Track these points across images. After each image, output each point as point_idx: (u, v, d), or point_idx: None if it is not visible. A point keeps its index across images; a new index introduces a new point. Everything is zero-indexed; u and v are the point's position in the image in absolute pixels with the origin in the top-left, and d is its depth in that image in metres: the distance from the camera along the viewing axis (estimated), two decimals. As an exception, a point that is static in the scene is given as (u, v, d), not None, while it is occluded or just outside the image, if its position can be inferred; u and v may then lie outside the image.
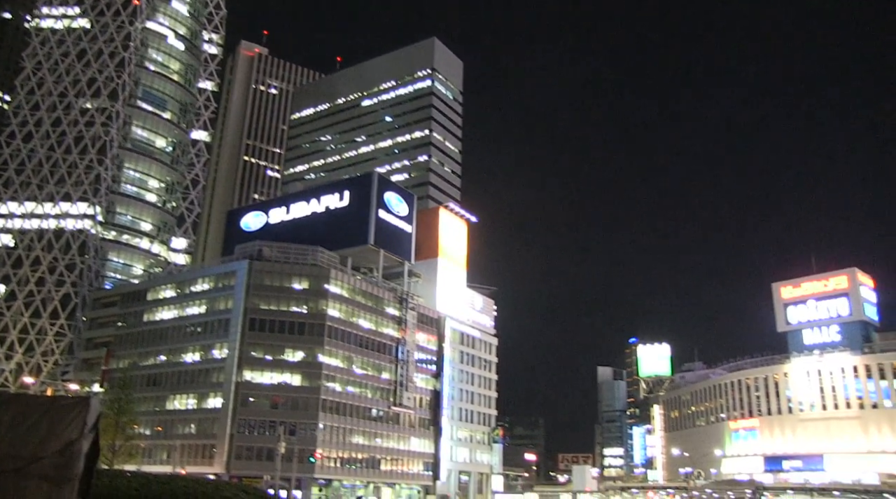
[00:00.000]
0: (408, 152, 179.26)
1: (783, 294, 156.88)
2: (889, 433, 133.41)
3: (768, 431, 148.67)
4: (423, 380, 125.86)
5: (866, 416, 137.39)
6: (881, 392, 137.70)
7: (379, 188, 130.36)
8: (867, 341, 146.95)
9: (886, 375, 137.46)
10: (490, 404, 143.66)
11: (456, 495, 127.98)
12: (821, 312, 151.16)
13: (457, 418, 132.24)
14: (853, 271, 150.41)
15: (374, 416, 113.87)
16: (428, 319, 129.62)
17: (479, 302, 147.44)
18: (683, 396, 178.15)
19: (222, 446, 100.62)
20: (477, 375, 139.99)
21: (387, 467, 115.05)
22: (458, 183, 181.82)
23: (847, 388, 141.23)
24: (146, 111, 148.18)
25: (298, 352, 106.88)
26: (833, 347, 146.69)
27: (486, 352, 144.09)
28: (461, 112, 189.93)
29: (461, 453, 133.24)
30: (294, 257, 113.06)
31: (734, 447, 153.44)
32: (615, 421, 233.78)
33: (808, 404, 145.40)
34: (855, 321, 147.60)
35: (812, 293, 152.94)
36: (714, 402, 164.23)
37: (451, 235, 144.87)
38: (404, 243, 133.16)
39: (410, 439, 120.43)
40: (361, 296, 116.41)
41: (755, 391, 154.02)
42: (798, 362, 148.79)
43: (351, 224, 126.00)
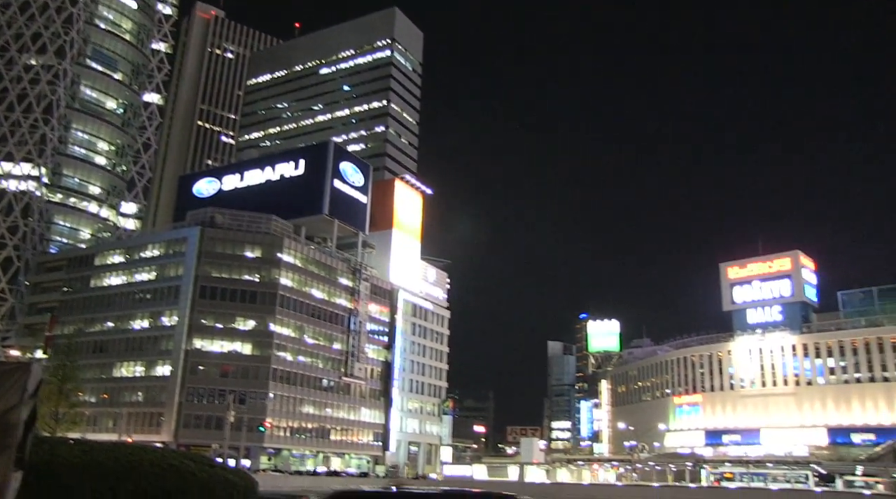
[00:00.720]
0: (365, 122, 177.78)
1: (730, 274, 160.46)
2: (820, 409, 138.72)
3: (710, 406, 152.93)
4: (374, 351, 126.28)
5: (801, 392, 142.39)
6: (815, 370, 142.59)
7: (335, 158, 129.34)
8: (806, 321, 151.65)
9: (821, 353, 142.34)
10: (441, 376, 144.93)
11: (405, 466, 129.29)
12: (764, 292, 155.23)
13: (407, 390, 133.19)
14: (796, 254, 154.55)
15: (325, 386, 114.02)
16: (381, 290, 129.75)
17: (433, 274, 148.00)
18: (631, 371, 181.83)
19: (170, 414, 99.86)
20: (428, 347, 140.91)
21: (337, 438, 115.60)
22: (415, 155, 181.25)
23: (785, 366, 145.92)
24: (96, 71, 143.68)
25: (249, 321, 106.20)
26: (775, 326, 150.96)
27: (438, 324, 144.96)
28: (420, 84, 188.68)
29: (411, 425, 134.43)
30: (247, 225, 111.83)
31: (678, 422, 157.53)
32: (564, 395, 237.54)
33: (749, 381, 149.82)
34: (796, 302, 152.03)
35: (757, 274, 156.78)
36: (660, 378, 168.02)
37: (407, 207, 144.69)
38: (359, 214, 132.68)
39: (361, 409, 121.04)
40: (314, 266, 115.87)
41: (700, 368, 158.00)
42: (741, 341, 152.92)
43: (306, 193, 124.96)
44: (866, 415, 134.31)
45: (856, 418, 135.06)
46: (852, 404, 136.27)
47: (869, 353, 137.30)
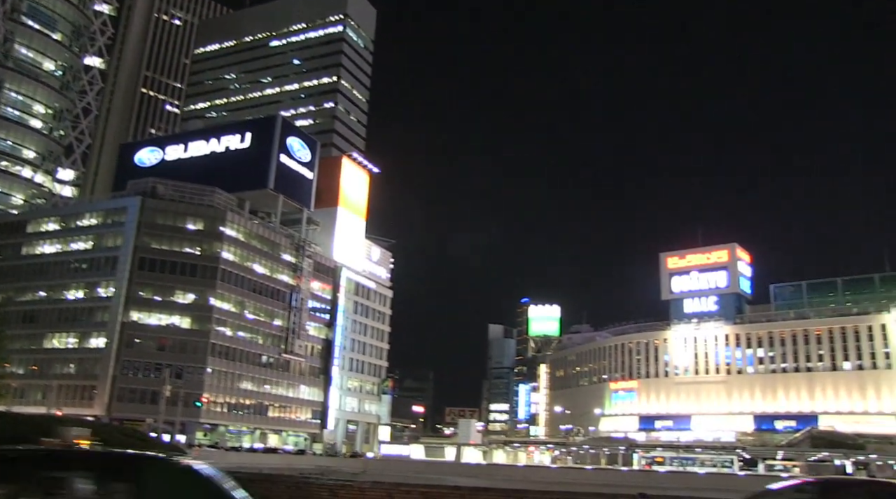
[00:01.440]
0: (314, 98, 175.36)
1: (669, 264, 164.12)
2: (748, 397, 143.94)
3: (645, 393, 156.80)
4: (315, 328, 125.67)
5: (731, 381, 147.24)
6: (746, 360, 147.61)
7: (282, 132, 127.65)
8: (739, 312, 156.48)
9: (752, 344, 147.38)
10: (381, 355, 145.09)
11: (343, 444, 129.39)
12: (702, 283, 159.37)
13: (347, 368, 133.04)
14: (733, 246, 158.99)
15: (264, 362, 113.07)
16: (324, 267, 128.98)
17: (377, 253, 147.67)
18: (569, 356, 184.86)
19: (103, 387, 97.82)
20: (370, 326, 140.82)
21: (275, 414, 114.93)
22: (364, 133, 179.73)
23: (718, 355, 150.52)
24: (32, 29, 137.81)
25: (189, 294, 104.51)
26: (710, 316, 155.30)
27: (380, 304, 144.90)
28: (371, 61, 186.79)
29: (350, 403, 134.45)
30: (190, 197, 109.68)
31: (613, 407, 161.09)
32: (503, 378, 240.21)
33: (683, 369, 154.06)
34: (731, 293, 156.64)
35: (695, 265, 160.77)
36: (597, 363, 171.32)
37: (353, 185, 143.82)
38: (305, 190, 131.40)
39: (300, 386, 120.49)
40: (257, 240, 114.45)
41: (636, 355, 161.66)
42: (677, 330, 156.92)
43: (251, 167, 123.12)
44: (789, 403, 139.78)
45: (780, 406, 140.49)
46: (777, 392, 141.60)
47: (795, 344, 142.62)
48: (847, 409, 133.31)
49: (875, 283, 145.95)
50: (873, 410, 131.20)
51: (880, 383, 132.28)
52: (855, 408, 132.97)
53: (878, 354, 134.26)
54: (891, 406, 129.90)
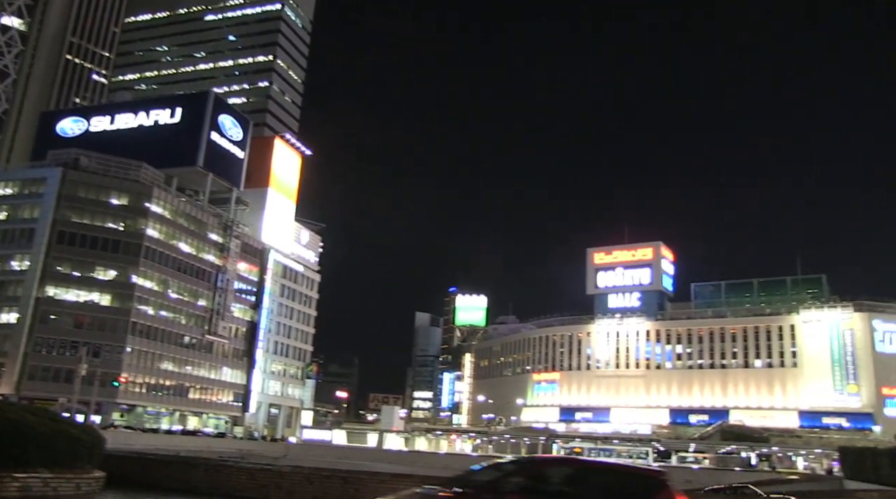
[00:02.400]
0: (248, 76, 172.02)
1: (596, 260, 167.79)
2: (665, 391, 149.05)
3: (567, 384, 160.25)
4: (240, 310, 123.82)
5: (650, 375, 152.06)
6: (665, 355, 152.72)
7: (214, 109, 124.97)
8: (661, 309, 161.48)
9: (672, 340, 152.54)
10: (307, 339, 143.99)
11: (264, 428, 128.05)
12: (626, 279, 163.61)
13: (272, 351, 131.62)
14: (658, 245, 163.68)
15: (187, 343, 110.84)
16: (252, 249, 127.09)
17: (306, 237, 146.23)
18: (494, 346, 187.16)
19: (13, 365, 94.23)
20: (296, 309, 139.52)
21: (195, 396, 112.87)
22: (298, 114, 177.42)
23: (639, 350, 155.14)
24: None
25: (110, 271, 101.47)
26: (632, 312, 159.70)
27: (307, 287, 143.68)
28: (309, 42, 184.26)
29: (273, 387, 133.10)
30: (115, 171, 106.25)
31: (535, 398, 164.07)
32: (428, 366, 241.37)
33: (605, 363, 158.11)
34: (654, 290, 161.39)
35: (621, 261, 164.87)
36: (522, 354, 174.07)
37: (285, 167, 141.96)
38: (235, 169, 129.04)
39: (222, 368, 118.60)
40: (184, 218, 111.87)
41: (560, 347, 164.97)
42: (601, 324, 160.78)
43: (180, 143, 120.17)
44: (703, 398, 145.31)
45: (695, 400, 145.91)
46: (693, 387, 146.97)
47: (712, 342, 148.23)
48: (756, 404, 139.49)
49: (787, 285, 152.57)
50: (779, 405, 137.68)
51: (786, 380, 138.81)
52: (763, 403, 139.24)
53: (786, 353, 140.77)
54: (794, 402, 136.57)
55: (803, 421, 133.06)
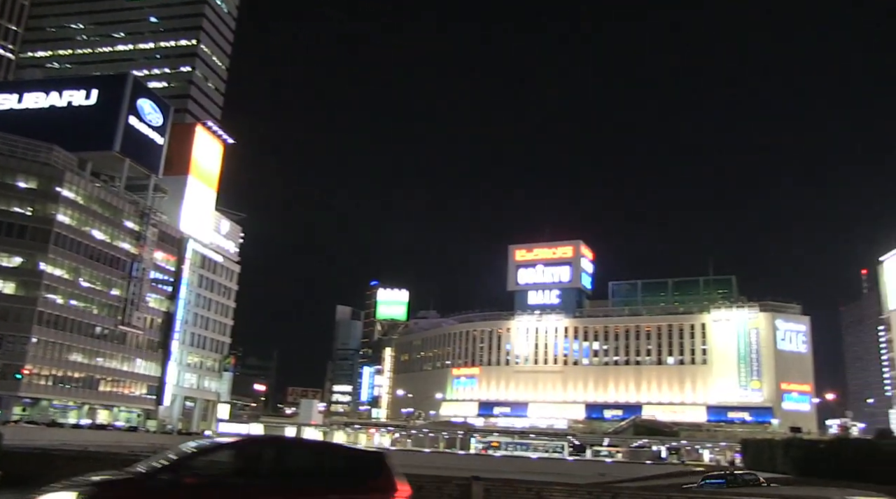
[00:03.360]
0: (170, 60, 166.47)
1: (517, 257, 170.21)
2: (581, 387, 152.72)
3: (486, 379, 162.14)
4: (156, 300, 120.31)
5: (567, 371, 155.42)
6: (582, 352, 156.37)
7: (133, 92, 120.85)
8: (579, 307, 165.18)
9: (589, 337, 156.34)
10: (225, 331, 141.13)
11: (179, 422, 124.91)
12: (546, 276, 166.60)
13: (188, 343, 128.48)
14: (578, 243, 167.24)
15: (98, 333, 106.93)
16: (169, 237, 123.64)
17: (226, 226, 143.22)
18: (415, 341, 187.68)
19: None
20: (215, 301, 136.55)
21: (106, 389, 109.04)
22: (221, 102, 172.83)
23: (557, 346, 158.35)
24: None
25: (15, 257, 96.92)
26: (552, 309, 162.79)
27: (227, 278, 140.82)
28: (235, 28, 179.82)
29: (189, 379, 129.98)
30: (23, 152, 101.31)
31: (455, 393, 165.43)
32: (348, 359, 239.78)
33: (523, 358, 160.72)
34: (573, 288, 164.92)
35: (542, 259, 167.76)
36: (442, 349, 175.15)
37: (206, 154, 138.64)
38: (154, 155, 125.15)
39: (136, 360, 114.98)
40: (98, 205, 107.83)
41: (480, 343, 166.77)
42: (520, 320, 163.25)
43: (96, 126, 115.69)
44: (618, 394, 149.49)
45: (610, 396, 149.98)
46: (608, 384, 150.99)
47: (628, 339, 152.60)
48: (668, 400, 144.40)
49: (700, 285, 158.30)
50: (689, 401, 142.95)
51: (696, 377, 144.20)
52: (674, 399, 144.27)
53: (696, 351, 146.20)
54: (703, 398, 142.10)
55: (711, 415, 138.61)
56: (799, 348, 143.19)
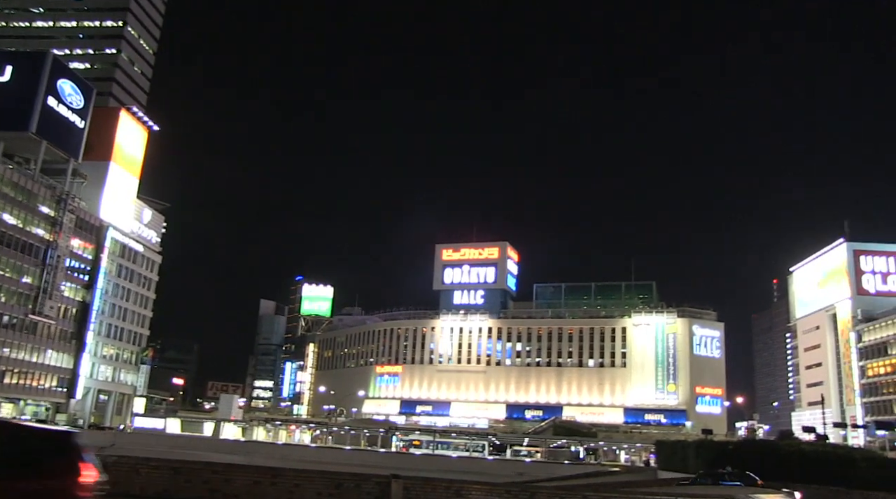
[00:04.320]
0: (94, 41, 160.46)
1: (444, 256, 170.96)
2: (503, 387, 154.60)
3: (409, 378, 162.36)
4: (71, 290, 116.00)
5: (490, 371, 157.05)
6: (505, 352, 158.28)
7: (52, 72, 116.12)
8: (504, 308, 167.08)
9: (512, 338, 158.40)
10: (144, 323, 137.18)
11: (91, 416, 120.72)
12: (472, 277, 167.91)
13: (104, 334, 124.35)
14: (504, 245, 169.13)
15: (6, 323, 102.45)
16: (88, 225, 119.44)
17: (149, 215, 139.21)
18: (339, 337, 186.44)
19: None
20: (134, 291, 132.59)
21: (11, 381, 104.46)
22: (148, 87, 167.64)
23: (480, 346, 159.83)
24: None
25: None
26: (476, 309, 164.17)
27: (147, 268, 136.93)
28: (164, 12, 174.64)
29: (104, 372, 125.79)
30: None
31: (377, 390, 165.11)
32: (270, 354, 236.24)
33: (447, 358, 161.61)
34: (497, 289, 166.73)
35: (468, 259, 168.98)
36: (366, 346, 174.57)
37: (130, 141, 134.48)
38: (74, 139, 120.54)
39: (47, 351, 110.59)
40: (10, 188, 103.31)
41: (404, 341, 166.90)
42: (445, 319, 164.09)
43: (10, 105, 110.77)
44: (539, 395, 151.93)
45: (531, 397, 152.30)
46: (530, 384, 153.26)
47: (550, 341, 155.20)
48: (587, 401, 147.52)
49: (622, 290, 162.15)
50: (607, 403, 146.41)
51: (615, 379, 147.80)
52: (593, 401, 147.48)
53: (616, 354, 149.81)
54: (621, 400, 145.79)
55: (628, 417, 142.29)
56: (713, 354, 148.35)
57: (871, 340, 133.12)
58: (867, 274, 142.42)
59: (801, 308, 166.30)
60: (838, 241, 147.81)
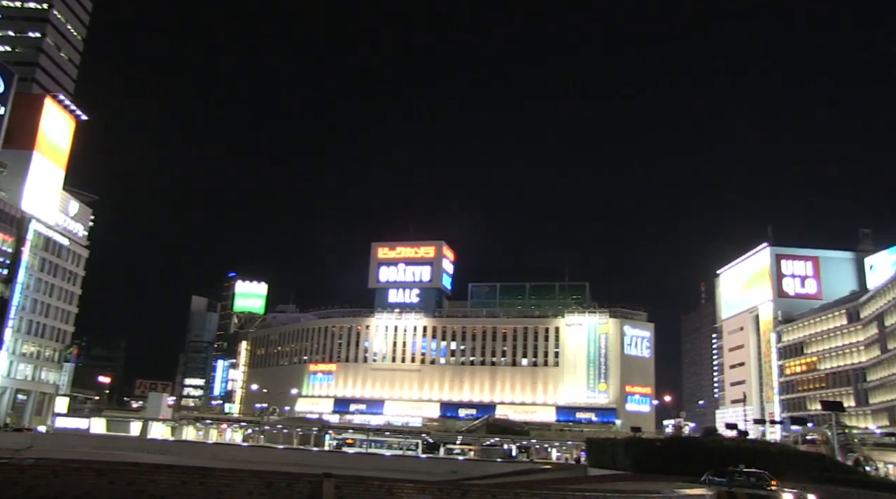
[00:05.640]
0: (16, 23, 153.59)
1: (379, 254, 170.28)
2: (438, 386, 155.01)
3: (343, 376, 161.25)
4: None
5: (424, 370, 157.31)
6: (440, 351, 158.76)
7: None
8: (439, 306, 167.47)
9: (447, 336, 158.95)
10: (68, 319, 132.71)
11: (7, 416, 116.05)
12: (408, 275, 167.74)
13: (24, 331, 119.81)
14: (440, 244, 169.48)
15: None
16: (7, 216, 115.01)
17: (75, 208, 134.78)
18: (272, 335, 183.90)
19: None
20: (58, 286, 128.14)
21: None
22: (76, 75, 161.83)
23: (415, 345, 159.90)
24: None
25: None
26: (411, 307, 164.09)
27: (72, 263, 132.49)
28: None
29: (23, 370, 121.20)
30: None
31: (311, 389, 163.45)
32: (202, 352, 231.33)
33: (381, 356, 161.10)
34: (433, 288, 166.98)
35: (404, 257, 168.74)
36: (299, 344, 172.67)
37: (55, 129, 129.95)
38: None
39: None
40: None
41: (338, 339, 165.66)
42: (380, 318, 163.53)
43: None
44: (473, 394, 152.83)
45: (465, 395, 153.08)
46: (464, 383, 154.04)
47: (484, 340, 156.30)
48: (520, 400, 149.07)
49: (555, 290, 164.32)
50: (540, 401, 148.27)
51: (548, 378, 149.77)
52: (526, 399, 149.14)
53: (549, 354, 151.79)
54: (553, 398, 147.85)
55: (560, 416, 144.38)
56: (643, 353, 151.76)
57: (790, 341, 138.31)
58: (787, 277, 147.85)
59: (727, 310, 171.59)
60: (762, 245, 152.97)
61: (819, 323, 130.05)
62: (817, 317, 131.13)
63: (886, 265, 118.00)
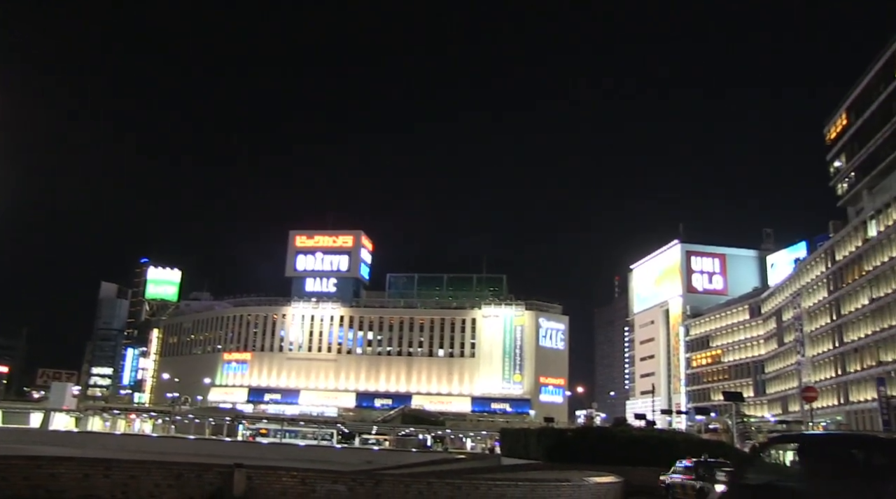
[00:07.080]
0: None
1: (297, 242, 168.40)
2: (354, 376, 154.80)
3: (258, 365, 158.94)
4: None
5: (341, 360, 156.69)
6: (356, 341, 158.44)
7: None
8: (356, 296, 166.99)
9: (364, 326, 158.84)
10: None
11: None
12: (325, 264, 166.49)
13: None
14: (359, 233, 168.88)
15: None
16: None
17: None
18: (185, 323, 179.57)
19: None
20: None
21: None
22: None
23: (332, 334, 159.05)
24: None
25: None
26: (328, 297, 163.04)
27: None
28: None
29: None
30: None
31: (225, 378, 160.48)
32: (111, 340, 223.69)
33: (297, 345, 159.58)
34: (350, 277, 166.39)
35: (322, 246, 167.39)
36: (213, 333, 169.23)
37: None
38: None
39: None
40: None
41: (253, 328, 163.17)
42: (296, 307, 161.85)
43: None
44: (389, 384, 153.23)
45: (381, 385, 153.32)
46: (380, 373, 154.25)
47: (402, 330, 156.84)
48: (436, 391, 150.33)
49: (473, 282, 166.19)
50: (455, 392, 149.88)
51: (464, 369, 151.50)
52: (442, 390, 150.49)
53: (466, 345, 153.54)
54: (469, 389, 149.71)
55: (475, 406, 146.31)
56: (557, 345, 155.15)
57: (697, 334, 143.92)
58: (696, 273, 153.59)
59: (639, 304, 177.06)
60: (673, 242, 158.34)
61: (724, 318, 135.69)
62: (722, 312, 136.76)
63: (785, 263, 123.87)
